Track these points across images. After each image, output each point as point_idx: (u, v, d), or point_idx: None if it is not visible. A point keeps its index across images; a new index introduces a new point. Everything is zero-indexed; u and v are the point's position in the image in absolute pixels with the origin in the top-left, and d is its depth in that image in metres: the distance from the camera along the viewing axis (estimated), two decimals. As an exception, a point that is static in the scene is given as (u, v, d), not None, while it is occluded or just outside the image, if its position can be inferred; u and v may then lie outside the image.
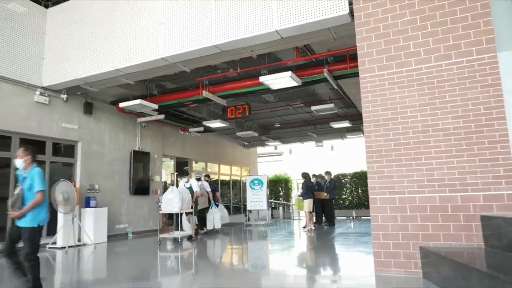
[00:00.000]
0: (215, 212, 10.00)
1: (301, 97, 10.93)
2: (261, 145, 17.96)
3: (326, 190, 11.66)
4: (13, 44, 7.43)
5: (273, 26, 5.43)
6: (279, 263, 6.06)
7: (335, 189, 12.18)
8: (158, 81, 9.96)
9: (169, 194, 7.96)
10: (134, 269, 5.65)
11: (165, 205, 7.93)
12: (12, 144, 7.51)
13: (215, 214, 9.97)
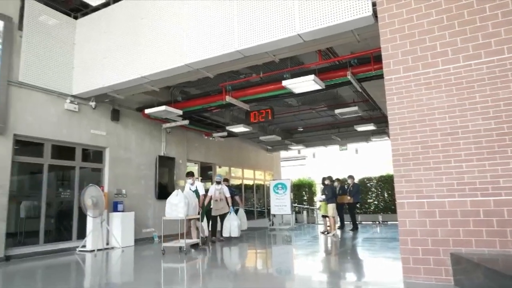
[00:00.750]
0: (232, 219, 9.17)
1: (324, 100, 10.85)
2: (284, 149, 17.89)
3: (350, 194, 11.45)
4: (46, 55, 7.75)
5: (295, 30, 5.42)
6: (304, 268, 6.00)
7: (359, 193, 11.93)
8: (182, 88, 10.13)
9: (173, 199, 7.16)
10: (160, 273, 5.74)
11: (169, 210, 7.17)
12: (44, 151, 7.81)
13: (232, 221, 9.14)
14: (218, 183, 8.84)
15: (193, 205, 7.45)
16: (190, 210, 7.29)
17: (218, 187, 8.79)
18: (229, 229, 9.06)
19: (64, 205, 8.54)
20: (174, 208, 7.10)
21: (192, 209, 7.39)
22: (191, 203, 7.35)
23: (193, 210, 7.44)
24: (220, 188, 8.82)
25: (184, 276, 5.50)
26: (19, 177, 7.59)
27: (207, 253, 7.52)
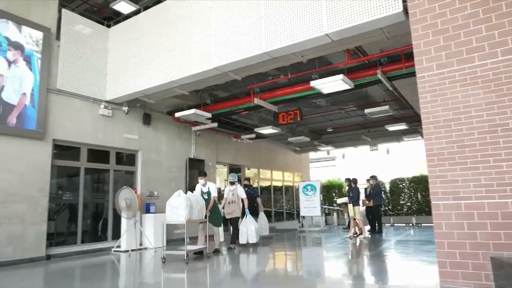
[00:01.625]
0: (249, 223, 8.17)
1: (353, 100, 10.66)
2: (313, 150, 17.74)
3: (369, 197, 11.04)
4: (81, 63, 8.09)
5: (323, 29, 5.37)
6: (335, 271, 5.91)
7: (380, 194, 11.33)
8: (211, 91, 10.26)
9: (173, 200, 6.41)
10: (191, 270, 5.83)
11: (169, 214, 6.43)
12: (80, 154, 8.13)
13: (249, 226, 8.15)
14: (232, 184, 8.19)
15: (198, 208, 6.63)
16: (194, 213, 6.49)
17: (232, 188, 8.15)
18: (246, 235, 8.13)
19: (100, 206, 8.86)
20: (175, 211, 6.34)
21: (196, 212, 6.58)
22: (195, 205, 6.55)
23: (198, 214, 6.64)
24: (234, 189, 8.11)
25: (215, 277, 5.50)
26: (58, 180, 7.96)
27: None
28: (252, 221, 8.22)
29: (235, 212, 8.08)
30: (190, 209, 6.38)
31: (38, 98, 7.21)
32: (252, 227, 8.14)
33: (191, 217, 6.42)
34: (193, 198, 6.66)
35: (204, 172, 7.49)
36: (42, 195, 7.11)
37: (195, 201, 6.66)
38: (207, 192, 7.26)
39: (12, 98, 6.85)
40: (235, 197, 8.06)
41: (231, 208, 8.05)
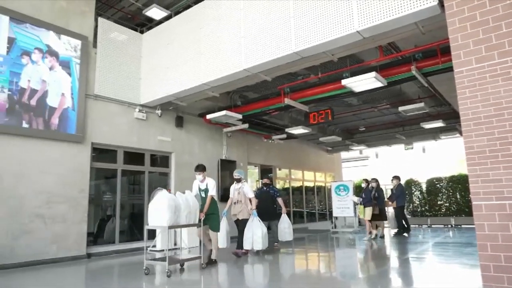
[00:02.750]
0: (255, 226, 6.95)
1: (386, 98, 10.40)
2: (345, 149, 17.44)
3: (392, 198, 10.60)
4: (117, 69, 8.38)
5: (354, 27, 5.27)
6: (370, 274, 5.77)
7: (404, 195, 10.87)
8: (241, 92, 10.34)
9: (155, 201, 5.43)
10: (226, 270, 5.88)
11: (150, 217, 5.43)
12: (117, 157, 8.43)
13: (254, 230, 6.92)
14: (238, 181, 7.22)
15: (188, 210, 5.53)
16: (181, 216, 5.44)
17: (237, 186, 7.20)
18: (251, 240, 6.92)
19: (136, 207, 9.14)
20: (156, 214, 5.29)
21: (186, 215, 5.51)
22: (183, 207, 5.46)
23: (188, 217, 5.57)
24: (240, 187, 7.14)
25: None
26: (96, 182, 8.29)
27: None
28: (259, 225, 7.01)
29: (241, 214, 7.11)
30: (176, 211, 5.30)
31: (77, 103, 7.55)
32: (259, 231, 6.95)
33: (177, 221, 5.35)
34: (181, 198, 5.55)
35: (202, 166, 6.29)
36: (82, 196, 7.42)
37: (185, 202, 5.53)
38: (205, 190, 6.16)
39: (54, 101, 7.23)
40: (241, 196, 7.12)
41: (237, 209, 7.17)
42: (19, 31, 6.83)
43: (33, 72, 6.97)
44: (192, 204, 5.71)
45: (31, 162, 6.77)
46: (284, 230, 8.10)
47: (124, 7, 9.31)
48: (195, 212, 5.76)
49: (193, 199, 5.82)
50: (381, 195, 10.01)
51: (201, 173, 6.21)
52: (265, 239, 7.05)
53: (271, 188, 8.59)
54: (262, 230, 6.99)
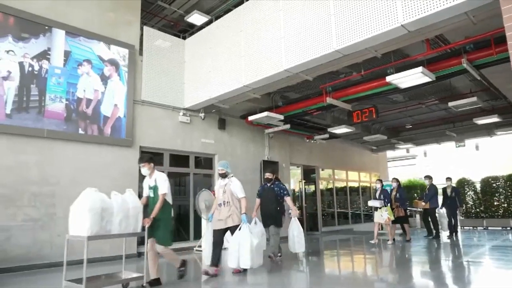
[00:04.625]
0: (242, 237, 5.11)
1: (435, 93, 9.94)
2: (391, 148, 16.86)
3: (425, 199, 10.05)
4: (161, 75, 8.71)
5: (398, 20, 5.08)
6: (425, 279, 5.52)
7: (436, 196, 10.23)
8: (282, 93, 10.33)
9: (75, 204, 4.11)
10: (270, 270, 5.88)
11: (71, 224, 4.16)
12: (164, 159, 8.74)
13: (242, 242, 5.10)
14: (223, 176, 5.52)
15: (121, 215, 4.23)
16: (113, 223, 4.16)
17: (223, 182, 5.49)
18: (236, 254, 5.17)
19: (182, 208, 9.42)
20: (76, 220, 4.06)
21: (119, 221, 4.21)
22: (116, 211, 4.18)
23: (122, 224, 4.25)
24: (226, 184, 5.44)
25: None
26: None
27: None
28: (248, 235, 5.11)
29: (231, 219, 5.29)
30: (104, 217, 4.07)
31: (126, 109, 7.93)
32: (246, 243, 5.04)
33: (107, 229, 4.12)
34: (116, 199, 4.27)
35: (146, 156, 4.84)
36: (132, 197, 7.77)
37: (120, 205, 4.25)
38: (154, 188, 4.65)
39: (108, 111, 7.65)
40: (228, 195, 5.37)
41: (224, 213, 5.31)
42: (73, 44, 7.30)
43: (87, 82, 7.42)
44: (132, 207, 4.36)
45: (86, 166, 7.20)
46: (293, 239, 6.61)
47: (167, 15, 9.65)
48: (136, 218, 4.40)
49: (135, 201, 4.47)
50: (403, 196, 9.57)
51: (145, 165, 4.72)
52: (257, 254, 5.18)
53: (277, 184, 6.77)
54: (252, 242, 5.07)
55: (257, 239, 5.28)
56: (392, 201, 9.38)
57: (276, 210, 6.52)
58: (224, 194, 5.40)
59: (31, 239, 6.39)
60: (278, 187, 6.73)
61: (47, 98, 6.84)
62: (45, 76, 6.87)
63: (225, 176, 5.51)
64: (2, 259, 5.88)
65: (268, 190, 6.71)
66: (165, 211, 4.65)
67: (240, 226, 5.19)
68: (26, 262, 3.98)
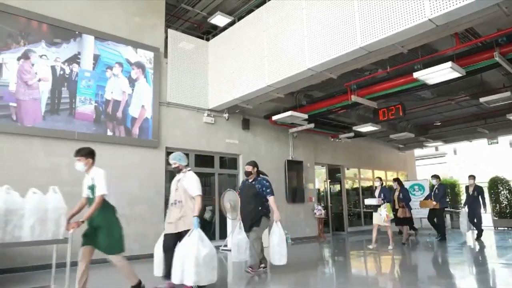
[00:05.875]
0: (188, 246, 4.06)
1: (465, 88, 9.60)
2: (419, 146, 16.42)
3: (435, 198, 9.59)
4: (186, 76, 8.83)
5: (425, 15, 4.94)
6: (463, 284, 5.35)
7: (446, 196, 9.78)
8: (306, 91, 10.26)
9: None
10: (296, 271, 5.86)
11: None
12: (189, 160, 8.84)
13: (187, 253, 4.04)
14: (177, 171, 4.70)
15: (35, 218, 3.57)
16: (23, 228, 3.49)
17: (177, 178, 4.70)
18: (181, 268, 4.04)
19: (207, 208, 9.52)
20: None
21: (30, 226, 3.53)
22: (28, 214, 3.54)
23: (36, 228, 3.57)
24: (179, 180, 4.62)
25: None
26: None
27: None
28: (194, 244, 4.04)
29: (180, 223, 4.38)
30: (10, 221, 3.43)
31: (152, 110, 8.10)
32: (192, 254, 3.99)
33: (15, 235, 3.44)
34: (30, 199, 3.62)
35: (84, 150, 4.09)
36: (159, 197, 7.93)
37: (34, 206, 3.59)
38: (91, 187, 3.98)
39: (135, 112, 7.85)
40: (181, 193, 4.51)
41: (173, 215, 4.48)
42: (102, 48, 7.54)
43: (115, 84, 7.64)
44: (52, 209, 3.72)
45: (115, 167, 7.38)
46: (273, 248, 5.37)
47: (191, 17, 9.78)
48: (57, 222, 3.74)
49: (58, 201, 3.83)
50: (406, 196, 9.19)
51: (81, 160, 4.02)
52: (206, 268, 4.05)
53: (259, 180, 5.61)
54: (198, 253, 4.00)
55: (206, 248, 4.09)
56: (395, 201, 9.10)
57: (256, 211, 5.43)
58: (177, 191, 4.57)
59: (64, 237, 6.64)
60: (260, 183, 5.58)
61: (77, 100, 7.09)
62: (76, 79, 7.13)
63: (179, 170, 4.68)
64: (41, 256, 6.14)
65: (248, 187, 5.63)
66: (107, 215, 3.96)
67: (191, 231, 4.16)
68: (60, 260, 4.22)
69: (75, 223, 3.74)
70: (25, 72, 6.60)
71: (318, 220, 10.96)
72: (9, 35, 6.48)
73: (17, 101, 6.44)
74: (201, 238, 4.13)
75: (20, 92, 6.49)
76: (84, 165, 4.04)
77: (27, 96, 6.57)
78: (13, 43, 6.50)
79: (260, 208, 5.47)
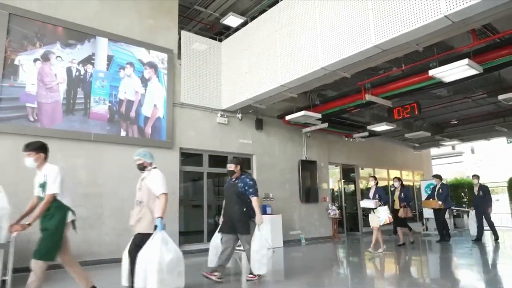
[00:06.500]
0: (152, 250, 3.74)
1: (482, 86, 9.37)
2: (435, 145, 16.14)
3: (439, 198, 9.29)
4: (199, 77, 8.89)
5: (441, 11, 4.86)
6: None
7: (449, 196, 9.39)
8: (319, 91, 10.20)
9: None
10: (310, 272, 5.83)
11: None
12: (203, 160, 8.92)
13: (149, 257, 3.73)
14: (141, 168, 4.34)
15: None
16: None
17: (142, 175, 4.32)
18: (143, 275, 3.69)
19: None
20: None
21: None
22: None
23: None
24: (143, 179, 4.27)
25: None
26: (185, 184, 8.85)
27: None
28: (157, 249, 3.71)
29: (139, 224, 4.00)
30: None
31: (166, 111, 8.17)
32: (155, 259, 3.67)
33: None
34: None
35: (35, 144, 3.75)
36: (173, 198, 7.98)
37: None
38: (43, 184, 3.64)
39: (148, 111, 7.94)
40: (144, 193, 4.12)
41: (133, 218, 4.10)
42: (116, 49, 7.65)
43: (128, 84, 7.74)
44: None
45: (129, 167, 7.44)
46: (253, 255, 4.85)
47: (203, 19, 9.84)
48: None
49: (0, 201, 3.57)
50: (408, 196, 8.89)
51: (30, 155, 3.68)
52: (170, 275, 3.72)
53: (242, 179, 5.25)
54: (161, 258, 3.68)
55: (171, 253, 3.76)
56: (395, 201, 8.86)
57: (240, 213, 5.02)
58: (140, 191, 4.17)
59: (81, 237, 6.73)
60: (243, 182, 5.20)
61: (92, 101, 7.22)
62: (90, 80, 7.26)
63: (144, 168, 4.30)
64: (56, 255, 6.26)
65: (231, 187, 5.27)
66: (55, 217, 3.55)
67: (154, 234, 3.78)
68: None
69: (20, 225, 3.47)
70: (46, 75, 6.77)
71: (332, 220, 10.89)
72: (25, 37, 6.62)
73: (38, 104, 6.60)
74: (165, 241, 3.78)
75: (42, 95, 6.65)
76: (35, 160, 3.67)
77: (49, 99, 6.74)
78: (29, 44, 6.65)
79: (245, 209, 5.05)
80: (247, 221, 5.03)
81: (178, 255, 3.85)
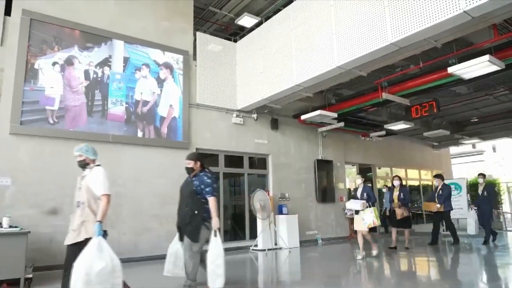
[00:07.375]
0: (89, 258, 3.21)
1: (504, 82, 9.15)
2: (455, 144, 15.79)
3: (439, 200, 8.78)
4: (214, 78, 8.93)
5: (460, 7, 4.74)
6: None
7: (450, 197, 8.95)
8: (335, 90, 10.12)
9: None
10: (327, 273, 5.79)
11: None
12: (219, 160, 8.96)
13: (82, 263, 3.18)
14: (83, 167, 3.79)
15: None
16: None
17: (83, 173, 3.78)
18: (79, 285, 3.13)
19: (237, 208, 9.59)
20: None
21: None
22: None
23: None
24: (83, 177, 3.73)
25: (352, 280, 5.36)
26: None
27: None
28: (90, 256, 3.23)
29: (82, 230, 3.51)
30: None
31: (182, 112, 8.25)
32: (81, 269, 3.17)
33: None
34: None
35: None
36: (190, 198, 8.05)
37: None
38: None
39: (164, 111, 8.03)
40: (83, 193, 3.60)
41: (75, 220, 3.60)
42: (131, 51, 7.77)
43: (144, 85, 7.84)
44: None
45: (147, 168, 7.59)
46: (209, 266, 4.10)
47: (218, 20, 9.89)
48: None
49: None
50: (406, 197, 8.34)
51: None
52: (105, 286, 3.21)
53: (199, 177, 4.40)
54: (90, 266, 3.18)
55: (102, 262, 3.25)
56: (394, 201, 8.42)
57: (191, 216, 4.26)
58: (80, 191, 3.65)
59: (101, 236, 6.89)
60: (200, 180, 4.35)
61: (109, 102, 7.35)
62: (107, 82, 7.39)
63: (85, 165, 3.75)
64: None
65: (185, 186, 4.52)
66: None
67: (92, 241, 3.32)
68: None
69: None
70: (73, 79, 6.97)
71: (349, 220, 10.78)
72: (44, 41, 6.79)
73: (66, 107, 6.79)
74: (100, 248, 3.30)
75: (69, 99, 6.85)
76: None
77: (76, 101, 6.95)
78: (48, 49, 6.82)
79: (196, 212, 4.24)
80: (198, 226, 4.23)
81: (113, 263, 3.28)
